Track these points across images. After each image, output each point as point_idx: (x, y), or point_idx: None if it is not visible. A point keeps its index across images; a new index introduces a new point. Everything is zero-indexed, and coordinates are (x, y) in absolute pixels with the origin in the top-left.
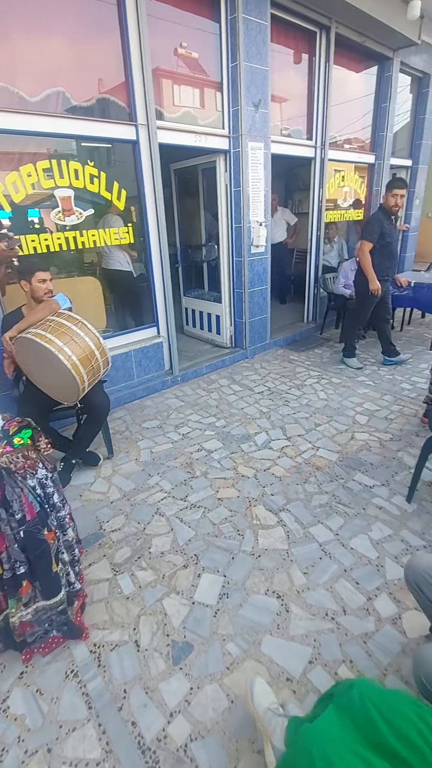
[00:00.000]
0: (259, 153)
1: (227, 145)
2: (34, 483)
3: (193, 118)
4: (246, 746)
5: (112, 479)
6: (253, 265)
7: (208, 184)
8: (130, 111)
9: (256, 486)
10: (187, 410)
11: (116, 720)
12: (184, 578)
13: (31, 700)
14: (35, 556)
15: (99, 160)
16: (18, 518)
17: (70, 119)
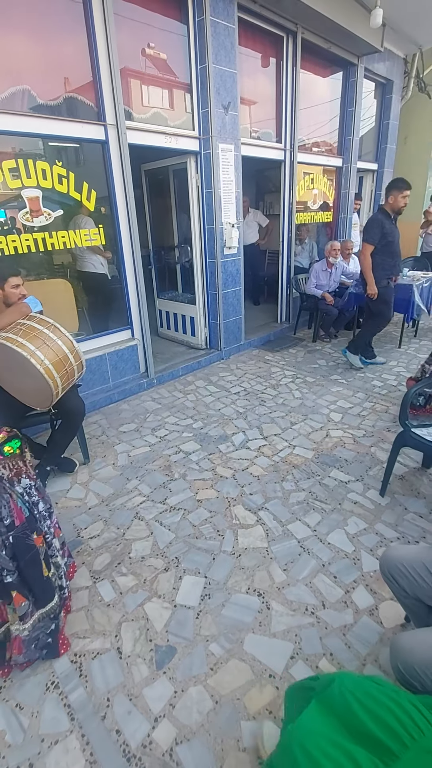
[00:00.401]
0: (229, 155)
1: (198, 146)
2: (21, 490)
3: (162, 119)
4: (232, 744)
5: (89, 485)
6: (226, 267)
7: (179, 185)
8: (98, 111)
9: (235, 486)
10: (164, 412)
11: (100, 729)
12: (165, 581)
13: (11, 715)
14: (25, 562)
15: (67, 160)
16: (7, 524)
17: (37, 118)
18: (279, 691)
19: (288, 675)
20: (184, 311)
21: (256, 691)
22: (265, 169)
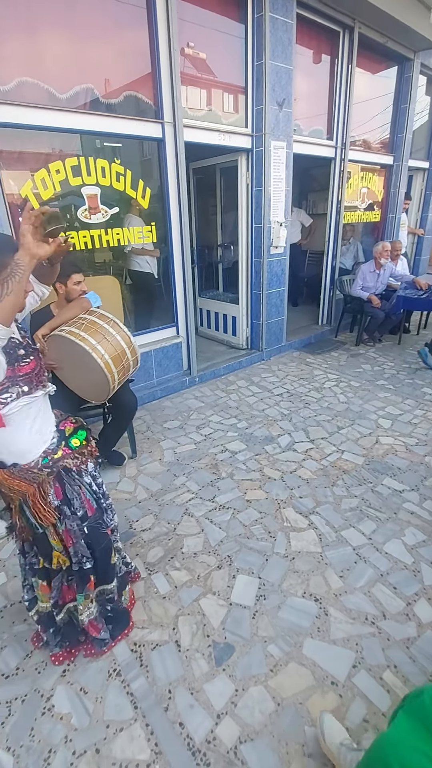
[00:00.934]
0: (281, 152)
1: (250, 143)
2: (89, 480)
3: (216, 117)
4: (297, 749)
5: (138, 479)
6: (272, 266)
7: (226, 183)
8: (156, 108)
9: (284, 488)
10: (207, 411)
11: (163, 721)
12: (219, 579)
13: (76, 698)
14: (100, 550)
15: (124, 158)
16: (80, 515)
17: (99, 116)
18: (342, 699)
19: (351, 684)
20: (225, 310)
21: (319, 696)
22: (310, 167)
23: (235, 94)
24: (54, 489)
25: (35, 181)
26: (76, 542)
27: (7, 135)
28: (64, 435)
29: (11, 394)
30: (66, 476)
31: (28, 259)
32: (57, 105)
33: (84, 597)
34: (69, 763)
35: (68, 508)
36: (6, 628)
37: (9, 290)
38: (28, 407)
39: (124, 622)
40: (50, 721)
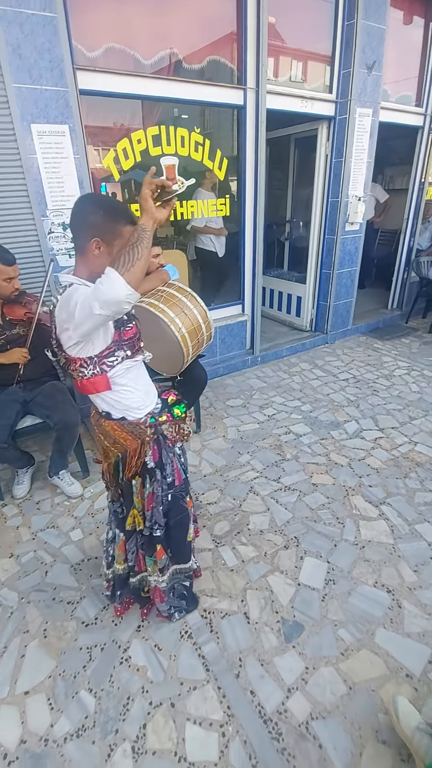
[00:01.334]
0: (366, 120)
1: (333, 111)
2: (180, 451)
3: (299, 83)
4: (371, 734)
5: (202, 453)
6: (346, 244)
7: (300, 155)
8: (240, 74)
9: (352, 475)
10: (270, 391)
11: (235, 686)
12: (286, 558)
13: (151, 653)
14: (175, 521)
15: (203, 127)
16: (168, 482)
17: (182, 82)
18: (418, 693)
19: (427, 679)
20: (290, 290)
21: (393, 687)
22: (390, 137)
23: (321, 57)
24: (152, 450)
25: (117, 151)
26: (155, 507)
27: (93, 104)
28: (167, 403)
29: (117, 357)
30: (163, 442)
31: (151, 223)
32: (141, 71)
33: (153, 562)
34: (146, 712)
35: (160, 471)
36: (84, 581)
37: (140, 255)
38: (131, 371)
39: (194, 599)
40: (127, 671)
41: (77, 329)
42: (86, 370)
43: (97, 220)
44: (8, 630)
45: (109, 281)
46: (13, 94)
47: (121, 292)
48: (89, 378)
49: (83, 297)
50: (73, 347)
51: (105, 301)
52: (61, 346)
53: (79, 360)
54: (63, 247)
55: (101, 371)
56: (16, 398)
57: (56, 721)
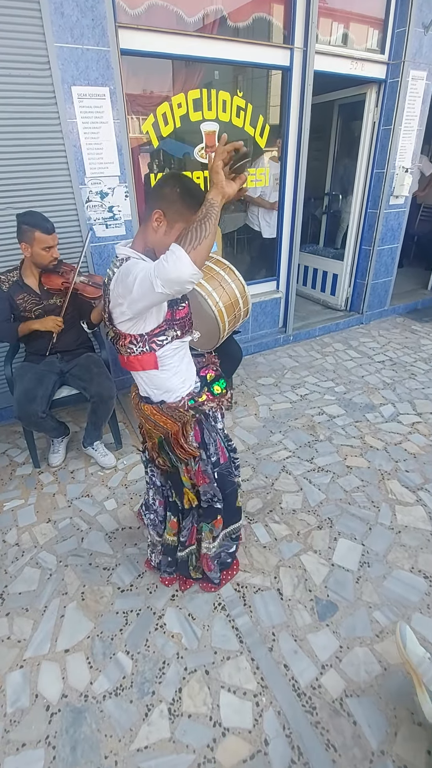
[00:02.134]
0: (420, 84)
1: (384, 73)
2: (222, 427)
3: (348, 43)
4: (406, 715)
5: (234, 431)
6: (389, 219)
7: (344, 122)
8: (287, 31)
9: (388, 459)
10: (302, 371)
11: (268, 659)
12: (320, 539)
13: (185, 622)
14: (227, 493)
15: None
16: (213, 461)
17: (226, 41)
18: None
19: None
20: (326, 267)
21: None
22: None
23: (373, 15)
24: (194, 431)
25: (157, 116)
26: (209, 483)
27: (133, 65)
28: (205, 381)
29: (167, 337)
30: (205, 421)
31: (220, 198)
32: (184, 29)
33: (209, 530)
34: (181, 677)
35: (204, 452)
36: (119, 549)
37: (207, 232)
38: (178, 350)
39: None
40: (162, 637)
41: (133, 305)
42: (135, 347)
43: (171, 196)
44: (48, 591)
45: (175, 258)
46: (55, 54)
47: (186, 271)
48: (137, 355)
49: (143, 273)
50: (125, 323)
51: (168, 279)
52: (113, 320)
53: (129, 336)
54: (100, 216)
55: (150, 349)
56: (54, 369)
57: (95, 679)
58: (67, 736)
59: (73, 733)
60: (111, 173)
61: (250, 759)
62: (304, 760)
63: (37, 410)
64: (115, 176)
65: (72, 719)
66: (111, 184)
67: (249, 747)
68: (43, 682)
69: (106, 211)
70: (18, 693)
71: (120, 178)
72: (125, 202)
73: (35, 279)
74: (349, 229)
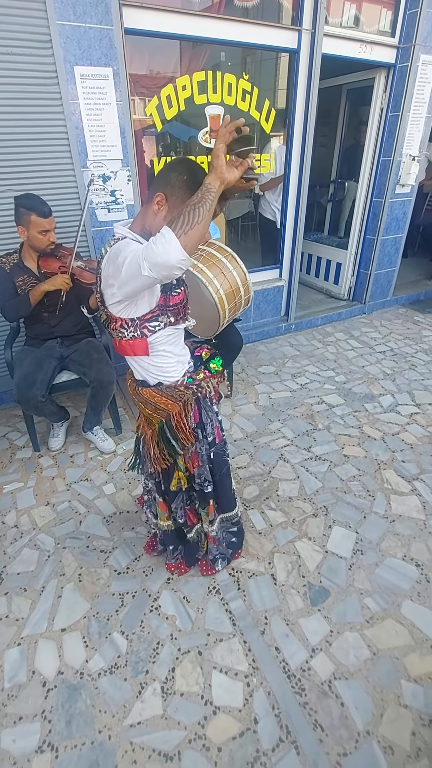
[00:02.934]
0: (430, 69)
1: (394, 57)
2: (218, 408)
3: (359, 24)
4: (392, 698)
5: (233, 418)
6: (394, 208)
7: (351, 107)
8: (295, 12)
9: (385, 449)
10: (303, 360)
11: (260, 642)
12: (315, 526)
13: (180, 604)
14: (221, 475)
15: (252, 74)
16: (210, 441)
17: (233, 22)
18: None
19: None
20: (330, 256)
21: (417, 657)
22: None
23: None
24: (193, 411)
25: (161, 98)
26: (202, 465)
27: (137, 45)
28: (201, 359)
29: (160, 323)
30: (203, 401)
31: (218, 183)
32: (190, 9)
33: (205, 514)
34: (175, 657)
35: (201, 431)
36: (117, 532)
37: (200, 218)
38: (171, 337)
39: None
40: (157, 619)
41: (122, 287)
42: (126, 332)
43: (177, 181)
44: (46, 572)
45: (163, 242)
46: (57, 32)
47: (174, 256)
48: (128, 340)
49: (133, 254)
50: (116, 305)
51: (155, 263)
52: (104, 301)
53: (120, 320)
54: (102, 200)
55: (141, 335)
56: (54, 354)
57: (91, 658)
58: (62, 710)
59: (68, 708)
60: (114, 156)
61: (239, 736)
62: (292, 738)
63: (36, 394)
64: (118, 159)
65: (68, 695)
66: (113, 168)
67: (239, 725)
68: (40, 659)
69: (109, 195)
70: (15, 669)
71: (123, 161)
72: (128, 186)
73: (34, 262)
74: (353, 218)
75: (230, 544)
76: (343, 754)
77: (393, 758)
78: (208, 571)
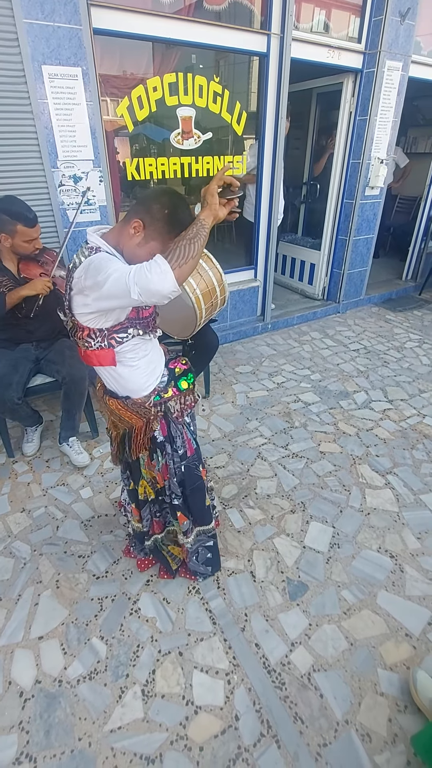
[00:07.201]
0: (395, 75)
1: (360, 63)
2: (189, 420)
3: (325, 30)
4: (369, 686)
5: (211, 418)
6: (364, 210)
7: (321, 112)
8: (264, 17)
9: (359, 445)
10: (279, 359)
11: (240, 639)
12: (293, 522)
13: (160, 606)
14: (191, 490)
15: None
16: (180, 453)
17: (202, 24)
18: (416, 651)
19: (426, 638)
20: (304, 257)
21: (392, 645)
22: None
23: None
24: (160, 425)
25: (132, 99)
26: (170, 479)
27: (107, 46)
28: (174, 374)
29: (128, 335)
30: (170, 415)
31: (212, 219)
32: (160, 10)
33: (178, 525)
34: (155, 659)
35: (170, 445)
36: (95, 536)
37: (194, 252)
38: (138, 346)
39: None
40: (137, 622)
41: (99, 301)
42: (93, 342)
43: (158, 213)
44: (22, 580)
45: (159, 272)
46: (24, 30)
47: (168, 288)
48: (94, 350)
49: (118, 273)
50: (85, 315)
51: (147, 290)
52: (72, 309)
53: (87, 329)
54: (74, 201)
55: (108, 345)
56: (29, 356)
57: (69, 665)
58: (41, 720)
59: (47, 717)
60: (84, 157)
61: (221, 734)
62: (273, 732)
63: (12, 396)
64: (89, 160)
65: (46, 704)
66: (85, 168)
67: (220, 723)
68: (16, 669)
69: (80, 195)
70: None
71: (94, 162)
72: (100, 186)
73: (14, 264)
74: (326, 219)
75: (207, 561)
76: (323, 744)
77: (371, 745)
78: (191, 578)
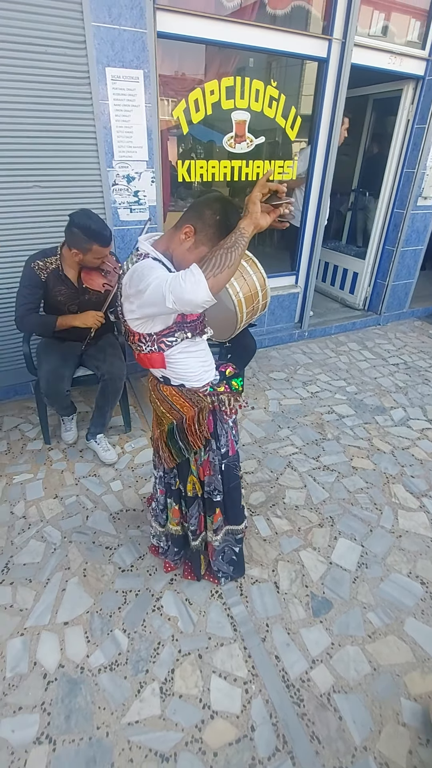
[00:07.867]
0: None
1: (423, 70)
2: (232, 423)
3: (389, 35)
4: (391, 715)
5: (242, 423)
6: (415, 220)
7: (377, 118)
8: (327, 22)
9: (394, 463)
10: (315, 368)
11: (260, 649)
12: (320, 536)
13: (182, 606)
14: (230, 488)
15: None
16: (223, 452)
17: (265, 29)
18: None
19: None
20: (347, 265)
21: (418, 675)
22: None
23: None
24: (207, 421)
25: (189, 102)
26: (213, 475)
27: (168, 49)
28: (225, 375)
29: (176, 338)
30: (219, 413)
31: (252, 228)
32: (222, 14)
33: (211, 522)
34: (175, 659)
35: (215, 442)
36: (123, 530)
37: (231, 262)
38: (188, 349)
39: (241, 568)
40: (159, 619)
41: (143, 308)
42: (144, 346)
43: (209, 219)
44: (51, 564)
45: (194, 282)
46: (92, 33)
47: (201, 297)
48: (146, 353)
49: (158, 281)
50: (133, 320)
51: (182, 299)
52: (123, 314)
53: (138, 334)
54: (125, 200)
55: (158, 349)
56: (75, 350)
57: (92, 653)
58: (62, 704)
59: (68, 702)
60: (139, 158)
61: (236, 742)
62: (288, 748)
63: (64, 388)
64: (143, 161)
65: (68, 689)
66: (138, 169)
67: (236, 731)
68: (42, 651)
69: (132, 195)
70: (17, 659)
71: (148, 163)
72: (151, 187)
73: (75, 272)
74: (373, 228)
75: (231, 561)
76: (339, 767)
77: None
78: (213, 580)
